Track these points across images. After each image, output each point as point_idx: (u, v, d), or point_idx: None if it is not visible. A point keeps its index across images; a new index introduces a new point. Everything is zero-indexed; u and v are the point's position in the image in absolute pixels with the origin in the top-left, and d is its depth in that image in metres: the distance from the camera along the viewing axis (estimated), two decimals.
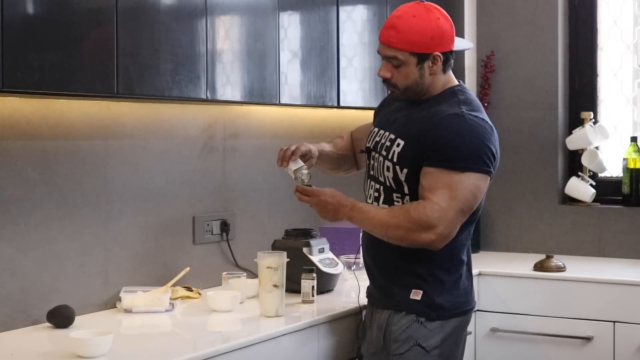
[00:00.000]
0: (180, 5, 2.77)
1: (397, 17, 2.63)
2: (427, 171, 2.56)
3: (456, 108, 2.60)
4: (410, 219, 2.52)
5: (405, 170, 2.61)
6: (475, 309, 3.67)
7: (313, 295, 3.00)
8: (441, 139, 2.55)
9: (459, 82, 2.73)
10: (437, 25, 2.61)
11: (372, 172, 2.75)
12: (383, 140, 2.70)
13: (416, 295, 2.64)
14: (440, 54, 2.62)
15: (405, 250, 2.62)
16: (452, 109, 2.60)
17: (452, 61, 2.70)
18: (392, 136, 2.67)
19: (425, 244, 2.54)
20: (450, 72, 2.72)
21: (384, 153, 2.68)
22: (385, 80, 2.69)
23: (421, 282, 2.65)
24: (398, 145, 2.64)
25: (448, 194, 2.51)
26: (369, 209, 2.65)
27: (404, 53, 2.61)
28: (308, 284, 2.99)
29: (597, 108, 4.28)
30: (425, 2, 2.66)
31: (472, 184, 2.55)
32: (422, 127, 2.61)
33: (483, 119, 2.62)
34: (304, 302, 2.99)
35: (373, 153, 2.74)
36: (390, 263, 2.70)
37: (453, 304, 2.67)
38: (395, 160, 2.64)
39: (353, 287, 3.04)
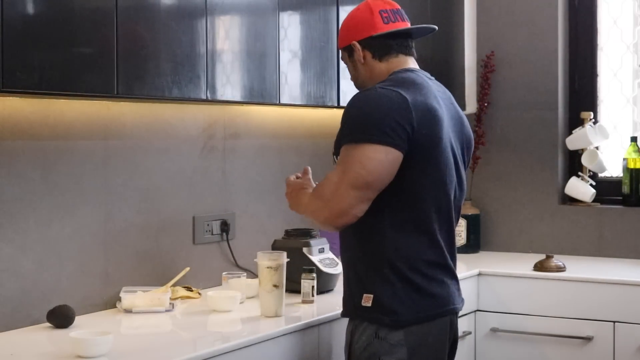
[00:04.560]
0: (180, 5, 2.77)
1: None
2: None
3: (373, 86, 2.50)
4: (314, 196, 2.48)
5: (338, 158, 2.51)
6: (475, 309, 3.71)
7: (313, 295, 3.00)
8: (344, 116, 2.48)
9: (410, 68, 2.57)
10: (351, 17, 2.63)
11: None
12: None
13: (367, 301, 2.45)
14: (356, 43, 2.58)
15: (353, 249, 2.52)
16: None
17: (387, 46, 2.56)
18: None
19: (324, 220, 2.44)
20: (399, 59, 2.57)
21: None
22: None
23: (366, 282, 2.47)
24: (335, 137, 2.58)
25: (341, 169, 2.41)
26: (306, 195, 2.57)
27: (341, 51, 2.69)
28: (308, 284, 2.99)
29: (597, 108, 4.28)
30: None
31: (363, 156, 2.37)
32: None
33: (394, 91, 2.42)
34: (304, 302, 2.99)
35: None
36: (346, 267, 2.58)
37: (409, 308, 2.42)
38: (333, 151, 2.56)
39: None
